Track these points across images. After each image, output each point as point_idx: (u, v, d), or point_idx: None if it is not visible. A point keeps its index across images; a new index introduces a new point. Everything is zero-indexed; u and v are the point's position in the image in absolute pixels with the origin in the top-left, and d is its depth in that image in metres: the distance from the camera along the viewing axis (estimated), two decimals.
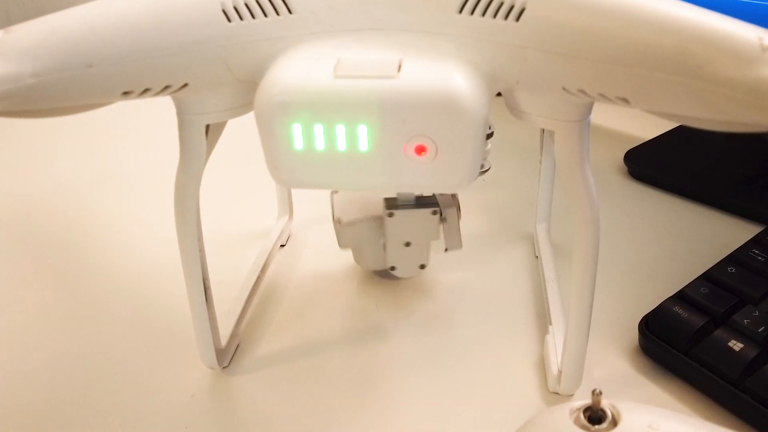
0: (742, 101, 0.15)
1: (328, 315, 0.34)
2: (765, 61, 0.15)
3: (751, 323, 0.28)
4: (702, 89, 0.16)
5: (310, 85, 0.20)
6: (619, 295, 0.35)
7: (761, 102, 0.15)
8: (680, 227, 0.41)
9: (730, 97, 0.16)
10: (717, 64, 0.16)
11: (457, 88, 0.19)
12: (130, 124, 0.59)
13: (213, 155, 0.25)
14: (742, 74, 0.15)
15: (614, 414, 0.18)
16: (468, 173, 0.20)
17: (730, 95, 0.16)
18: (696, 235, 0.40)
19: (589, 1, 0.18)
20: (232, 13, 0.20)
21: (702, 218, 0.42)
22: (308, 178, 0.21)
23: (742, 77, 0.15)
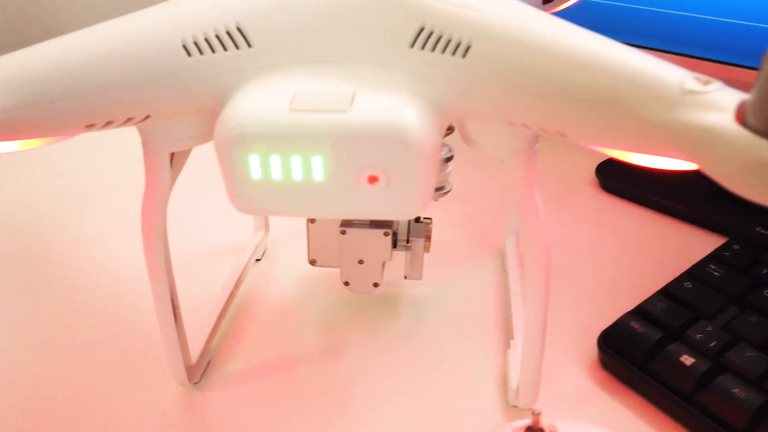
0: (666, 143, 0.16)
1: (299, 330, 0.35)
2: (685, 105, 0.16)
3: (703, 338, 0.29)
4: (631, 129, 0.17)
5: (266, 118, 0.20)
6: (582, 309, 0.36)
7: (680, 144, 0.16)
8: (648, 240, 0.42)
9: (656, 138, 0.16)
10: (642, 106, 0.17)
11: (405, 123, 0.20)
12: (103, 142, 0.60)
13: (190, 171, 0.25)
14: (663, 117, 0.16)
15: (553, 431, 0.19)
16: (419, 201, 0.21)
17: (655, 136, 0.16)
18: (663, 248, 0.41)
19: (532, 41, 0.19)
20: (192, 48, 0.21)
21: (670, 231, 0.43)
22: (266, 206, 0.22)
23: (663, 120, 0.16)
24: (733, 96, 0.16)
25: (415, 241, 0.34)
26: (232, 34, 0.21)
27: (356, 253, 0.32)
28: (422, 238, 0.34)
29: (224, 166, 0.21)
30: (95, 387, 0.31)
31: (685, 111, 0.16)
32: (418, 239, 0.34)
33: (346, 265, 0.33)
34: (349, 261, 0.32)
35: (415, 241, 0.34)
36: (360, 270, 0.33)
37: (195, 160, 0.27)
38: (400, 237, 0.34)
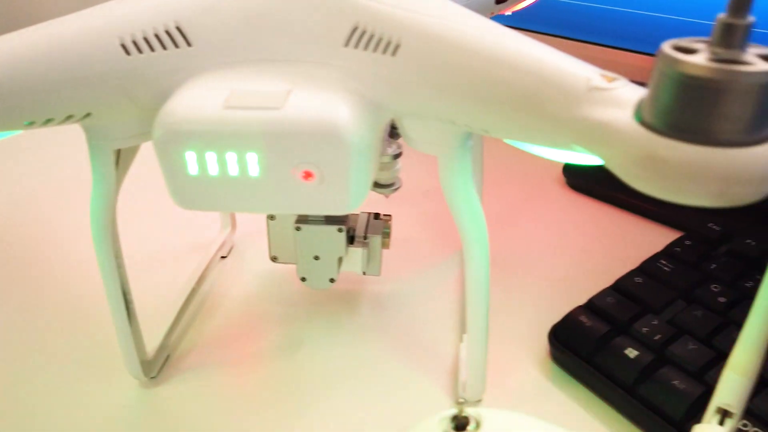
0: (572, 138, 0.17)
1: (260, 326, 0.36)
2: (590, 101, 0.16)
3: (649, 331, 0.30)
4: (542, 125, 0.18)
5: (201, 115, 0.21)
6: (537, 304, 0.36)
7: (584, 139, 0.16)
8: (610, 237, 0.43)
9: (564, 134, 0.17)
10: (551, 102, 0.17)
11: (336, 120, 0.20)
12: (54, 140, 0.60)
13: (157, 169, 0.26)
14: (569, 113, 0.17)
15: (477, 420, 0.20)
16: (354, 197, 0.22)
17: (563, 132, 0.17)
18: (624, 244, 0.42)
19: (456, 40, 0.19)
20: (131, 47, 0.22)
21: (632, 227, 0.44)
22: (205, 202, 0.22)
23: (569, 116, 0.17)
24: (637, 93, 0.16)
25: (372, 237, 0.34)
26: (172, 33, 0.22)
27: (311, 249, 0.33)
28: (379, 234, 0.34)
29: (162, 163, 0.22)
30: (52, 381, 0.32)
31: (590, 107, 0.16)
32: (376, 236, 0.34)
33: (302, 261, 0.33)
34: (304, 257, 0.33)
35: (372, 237, 0.34)
36: (316, 266, 0.33)
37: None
38: (358, 233, 0.34)
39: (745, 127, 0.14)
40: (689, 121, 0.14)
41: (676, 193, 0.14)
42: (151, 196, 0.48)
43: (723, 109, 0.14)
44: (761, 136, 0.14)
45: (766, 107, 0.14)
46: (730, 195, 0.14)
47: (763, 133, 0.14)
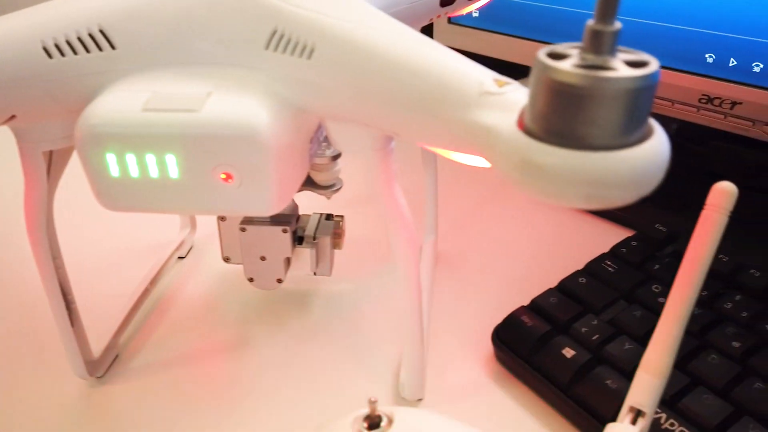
0: (463, 140, 0.17)
1: (211, 326, 0.36)
2: (480, 105, 0.17)
3: (588, 331, 0.30)
4: (440, 129, 0.18)
5: (119, 117, 0.21)
6: (486, 304, 0.37)
7: (474, 143, 0.17)
8: (567, 237, 0.43)
9: (456, 136, 0.17)
10: (446, 105, 0.17)
11: (254, 122, 0.21)
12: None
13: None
14: (461, 116, 0.17)
15: (390, 418, 0.20)
16: (274, 198, 0.22)
17: (455, 134, 0.17)
18: (579, 245, 0.42)
19: (364, 45, 0.20)
20: (53, 51, 0.22)
21: (592, 228, 0.44)
22: (128, 203, 0.23)
23: (461, 119, 0.17)
24: (525, 98, 0.16)
25: (321, 238, 0.35)
26: (95, 36, 0.22)
27: (257, 249, 0.33)
28: (329, 235, 0.35)
29: (85, 165, 0.22)
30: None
31: (479, 111, 0.17)
32: (325, 236, 0.35)
33: (248, 261, 0.33)
34: (251, 257, 0.33)
35: (321, 238, 0.35)
36: (263, 266, 0.33)
37: None
38: (308, 234, 0.35)
39: (612, 132, 0.14)
40: (560, 126, 0.14)
41: (552, 196, 0.15)
42: None
43: (589, 114, 0.14)
44: (630, 140, 0.14)
45: (632, 112, 0.14)
46: (599, 198, 0.14)
47: (631, 137, 0.14)
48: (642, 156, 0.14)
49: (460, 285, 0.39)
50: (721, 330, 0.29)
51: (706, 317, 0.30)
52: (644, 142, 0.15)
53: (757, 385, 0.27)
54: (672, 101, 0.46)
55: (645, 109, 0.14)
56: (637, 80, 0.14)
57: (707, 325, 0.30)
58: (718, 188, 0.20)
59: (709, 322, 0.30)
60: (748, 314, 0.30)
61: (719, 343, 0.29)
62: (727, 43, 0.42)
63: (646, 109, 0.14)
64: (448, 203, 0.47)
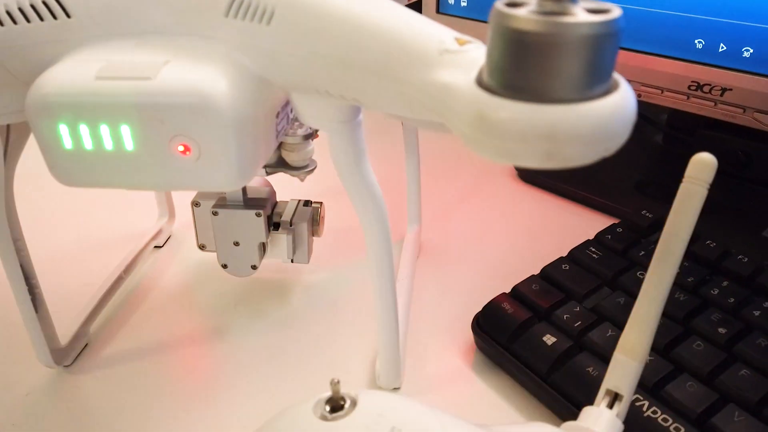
0: (423, 102, 0.16)
1: (186, 315, 0.35)
2: (441, 64, 0.16)
3: (570, 318, 0.29)
4: (400, 90, 0.17)
5: (70, 85, 0.20)
6: (468, 292, 0.36)
7: (432, 103, 0.16)
8: (553, 226, 0.42)
9: (416, 99, 0.16)
10: (405, 67, 0.16)
11: (211, 91, 0.20)
12: None
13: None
14: (421, 76, 0.16)
15: (354, 400, 0.19)
16: (235, 172, 0.21)
17: (415, 96, 0.16)
18: (566, 234, 0.41)
19: (324, 7, 0.19)
20: (5, 18, 0.21)
21: (577, 218, 0.43)
22: (83, 178, 0.22)
23: (421, 79, 0.16)
24: None
25: (298, 224, 0.34)
26: (49, 4, 0.21)
27: (231, 234, 0.32)
28: (306, 221, 0.34)
29: (37, 137, 0.21)
30: None
31: (439, 70, 0.16)
32: (302, 222, 0.34)
33: (221, 247, 0.32)
34: (224, 243, 0.32)
35: (298, 224, 0.34)
36: (236, 252, 0.32)
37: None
38: (284, 219, 0.34)
39: (572, 83, 0.13)
40: (516, 79, 0.13)
41: (507, 154, 0.14)
42: None
43: (547, 63, 0.13)
44: (590, 93, 0.13)
45: (594, 62, 0.13)
46: (559, 155, 0.13)
47: (593, 90, 0.13)
48: (605, 109, 0.13)
49: (443, 274, 0.38)
50: (707, 316, 0.28)
51: (691, 303, 0.29)
52: (607, 96, 0.14)
53: (743, 372, 0.26)
54: (661, 89, 0.45)
55: (608, 60, 0.13)
56: (599, 26, 0.13)
57: (692, 311, 0.29)
58: (697, 159, 0.20)
59: (694, 308, 0.29)
60: (734, 300, 0.29)
61: (704, 330, 0.28)
62: (716, 28, 0.41)
63: (609, 60, 0.13)
64: (431, 194, 0.46)
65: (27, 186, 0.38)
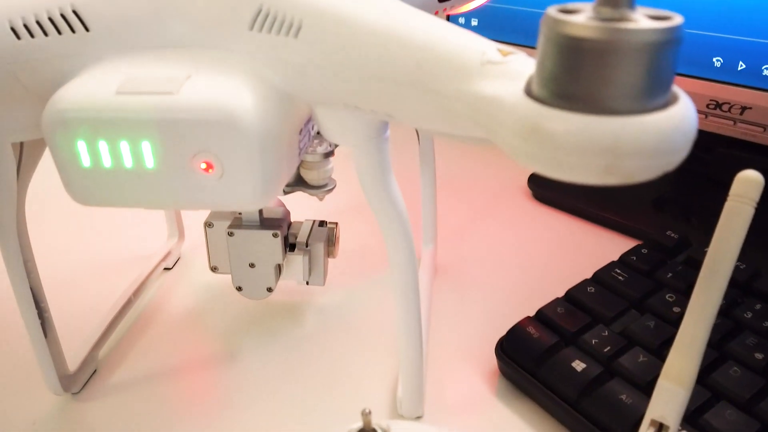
0: (465, 115, 0.15)
1: (196, 338, 0.34)
2: (482, 75, 0.15)
3: (599, 343, 0.28)
4: (438, 103, 0.16)
5: (89, 100, 0.19)
6: (489, 315, 0.35)
7: (476, 116, 0.15)
8: (571, 247, 0.41)
9: (457, 111, 0.16)
10: (443, 78, 0.16)
11: (236, 106, 0.19)
12: None
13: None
14: (461, 88, 0.15)
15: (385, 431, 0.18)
16: (260, 191, 0.20)
17: (456, 109, 0.16)
18: (585, 255, 0.40)
19: (355, 19, 0.18)
20: (22, 31, 0.20)
21: (595, 238, 0.42)
22: (100, 196, 0.21)
23: (462, 90, 0.15)
24: (532, 66, 0.15)
25: (314, 245, 0.33)
26: (68, 17, 0.21)
27: (246, 256, 0.31)
28: (322, 242, 0.33)
29: (54, 154, 0.20)
30: None
31: (482, 81, 0.15)
32: (318, 243, 0.33)
33: (236, 268, 0.31)
34: (239, 264, 0.31)
35: (314, 245, 0.33)
36: (251, 274, 0.31)
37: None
38: (300, 240, 0.33)
39: (632, 93, 0.12)
40: (573, 88, 0.13)
41: (562, 168, 0.13)
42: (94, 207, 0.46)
43: (606, 72, 0.12)
44: (652, 104, 0.13)
45: (655, 70, 0.12)
46: (619, 169, 0.13)
47: (654, 101, 0.13)
48: (668, 121, 0.13)
49: (461, 296, 0.37)
50: (742, 340, 0.27)
51: (724, 327, 0.28)
52: (669, 108, 0.13)
53: None
54: None
55: (669, 70, 0.13)
56: (661, 32, 0.12)
57: (726, 335, 0.28)
58: (743, 177, 0.19)
59: (728, 332, 0.28)
60: None
61: (740, 355, 0.27)
62: (735, 46, 0.40)
63: (670, 69, 0.13)
64: (445, 213, 0.46)
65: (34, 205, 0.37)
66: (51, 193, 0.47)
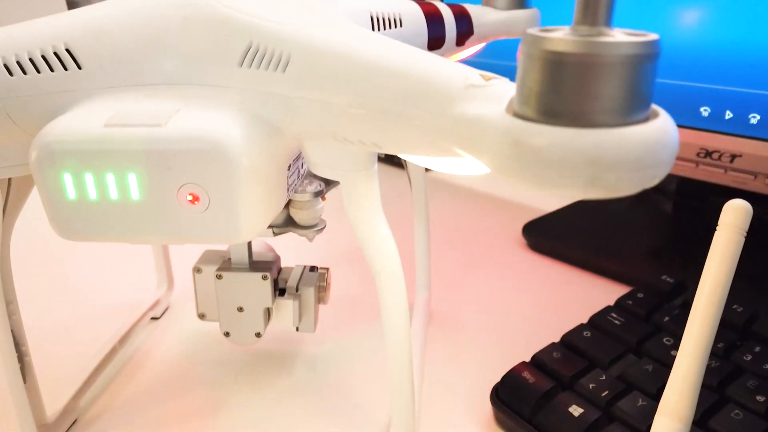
0: (449, 138, 0.15)
1: (183, 388, 0.33)
2: (466, 98, 0.15)
3: (596, 387, 0.27)
4: (424, 128, 0.16)
5: (77, 133, 0.19)
6: (484, 362, 0.34)
7: (459, 138, 0.15)
8: (567, 294, 0.41)
9: (441, 134, 0.16)
10: (428, 102, 0.16)
11: (222, 137, 0.19)
12: None
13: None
14: (447, 110, 0.15)
15: None
16: (244, 225, 0.20)
17: (440, 132, 0.16)
18: (579, 301, 0.39)
19: (340, 51, 0.18)
20: (15, 68, 0.20)
21: (591, 285, 0.42)
22: (85, 230, 0.20)
23: (447, 113, 0.15)
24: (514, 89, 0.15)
25: (304, 289, 0.32)
26: (60, 54, 0.21)
27: (235, 299, 0.30)
28: (312, 287, 0.32)
29: (40, 187, 0.20)
30: None
31: (466, 104, 0.15)
32: (309, 288, 0.32)
33: (224, 313, 0.31)
34: (227, 309, 0.31)
35: (304, 289, 0.32)
36: (240, 318, 0.31)
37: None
38: (290, 285, 0.32)
39: (613, 106, 0.12)
40: (554, 103, 0.13)
41: (547, 182, 0.13)
42: (84, 254, 0.46)
43: (587, 85, 0.12)
44: (633, 118, 0.13)
45: (634, 84, 0.12)
46: (603, 181, 0.12)
47: (634, 114, 0.13)
48: (649, 133, 0.12)
49: (455, 344, 0.36)
50: (742, 383, 0.26)
51: (724, 369, 0.27)
52: (649, 122, 0.13)
53: None
54: None
55: (648, 84, 0.13)
56: (638, 46, 0.12)
57: (726, 377, 0.27)
58: (731, 206, 0.19)
59: (727, 375, 0.27)
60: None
61: (741, 398, 0.26)
62: (721, 96, 0.41)
63: (649, 84, 0.13)
64: (438, 262, 0.45)
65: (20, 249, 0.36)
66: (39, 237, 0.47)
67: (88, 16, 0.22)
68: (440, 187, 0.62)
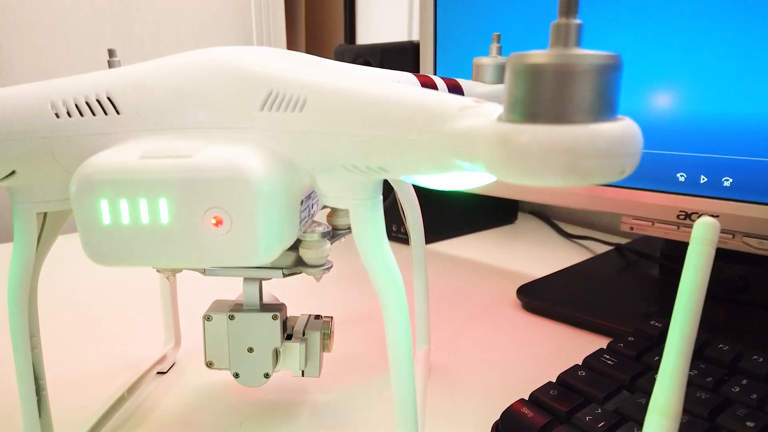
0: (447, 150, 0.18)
1: None
2: (461, 117, 0.18)
3: (592, 420, 0.28)
4: (425, 146, 0.19)
5: (114, 164, 0.22)
6: (481, 409, 0.35)
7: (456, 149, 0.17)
8: (560, 348, 0.42)
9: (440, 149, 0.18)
10: (431, 124, 0.19)
11: (242, 163, 0.22)
12: None
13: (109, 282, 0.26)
14: (446, 129, 0.18)
15: None
16: (262, 247, 0.22)
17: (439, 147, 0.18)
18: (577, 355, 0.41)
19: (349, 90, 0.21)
20: (62, 110, 0.23)
21: (585, 342, 0.43)
22: (117, 254, 0.22)
23: (445, 130, 0.18)
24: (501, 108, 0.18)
25: (311, 334, 0.34)
26: (102, 101, 0.24)
27: (245, 340, 0.32)
28: (318, 331, 0.34)
29: (77, 213, 0.22)
30: None
31: (461, 122, 0.18)
32: (314, 332, 0.34)
33: (235, 354, 0.32)
34: (238, 349, 0.32)
35: (311, 334, 0.34)
36: (250, 359, 0.32)
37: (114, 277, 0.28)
38: (297, 330, 0.34)
39: (585, 107, 0.15)
40: (537, 107, 0.15)
41: (533, 172, 0.15)
42: (95, 311, 0.47)
43: (562, 90, 0.15)
44: (602, 118, 0.15)
45: (602, 89, 0.15)
46: (579, 168, 0.15)
47: (603, 115, 0.15)
48: (616, 129, 0.15)
49: (455, 393, 0.37)
50: (732, 412, 0.28)
51: (714, 400, 0.28)
52: (616, 121, 0.15)
53: None
54: (652, 221, 0.47)
55: (613, 91, 0.15)
56: (604, 58, 0.15)
57: (716, 408, 0.28)
58: (700, 222, 0.21)
59: (717, 406, 0.28)
60: (757, 396, 0.28)
61: (732, 425, 0.27)
62: (695, 162, 0.44)
63: (614, 91, 0.15)
64: (440, 320, 0.47)
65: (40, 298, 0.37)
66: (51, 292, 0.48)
67: (127, 71, 0.25)
68: (439, 258, 0.64)
